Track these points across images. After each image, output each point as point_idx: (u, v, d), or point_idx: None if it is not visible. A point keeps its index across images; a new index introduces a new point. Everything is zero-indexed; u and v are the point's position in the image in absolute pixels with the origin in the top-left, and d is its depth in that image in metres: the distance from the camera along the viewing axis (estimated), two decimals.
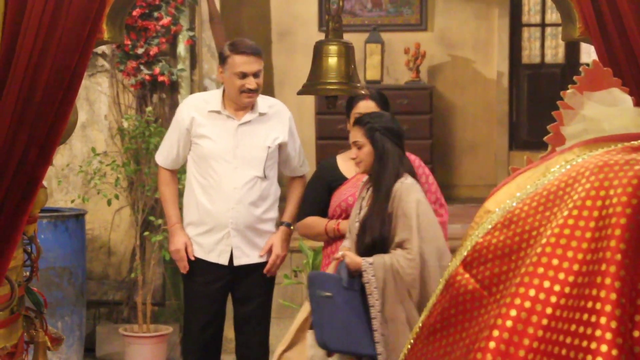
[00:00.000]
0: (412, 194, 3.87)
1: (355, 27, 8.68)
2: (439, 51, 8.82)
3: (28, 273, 2.82)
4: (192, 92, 6.81)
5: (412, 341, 1.58)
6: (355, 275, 3.86)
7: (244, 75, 4.40)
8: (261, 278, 4.58)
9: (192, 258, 4.56)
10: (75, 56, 2.54)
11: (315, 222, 4.40)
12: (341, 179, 4.36)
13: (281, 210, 4.72)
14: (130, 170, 6.43)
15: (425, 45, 8.55)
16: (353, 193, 4.25)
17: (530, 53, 9.41)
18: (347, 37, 8.96)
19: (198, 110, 4.57)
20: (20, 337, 2.69)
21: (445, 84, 8.85)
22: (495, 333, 1.36)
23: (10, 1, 2.54)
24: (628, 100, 1.65)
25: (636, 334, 1.30)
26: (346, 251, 3.95)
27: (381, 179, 3.93)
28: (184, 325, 4.92)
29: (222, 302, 4.66)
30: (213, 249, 4.53)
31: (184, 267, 4.59)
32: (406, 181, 3.92)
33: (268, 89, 8.79)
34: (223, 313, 4.70)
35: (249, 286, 4.59)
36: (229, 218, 4.49)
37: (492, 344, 1.35)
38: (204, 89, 6.85)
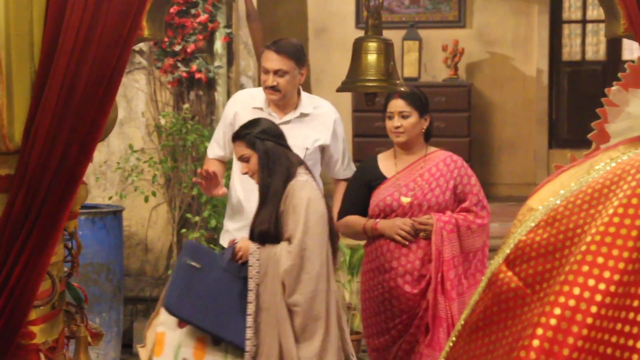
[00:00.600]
0: (303, 191, 3.83)
1: (393, 24, 8.65)
2: (478, 48, 8.76)
3: (68, 268, 2.83)
4: (228, 89, 6.83)
5: (454, 339, 1.56)
6: (238, 260, 3.83)
7: (266, 71, 4.38)
8: None
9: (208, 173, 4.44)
10: (116, 53, 2.54)
11: (354, 221, 4.37)
12: (380, 178, 4.33)
13: None
14: (167, 168, 6.46)
15: (463, 42, 8.50)
16: (392, 193, 4.23)
17: (571, 50, 9.32)
18: (385, 34, 8.94)
19: (243, 105, 4.56)
20: (61, 332, 2.71)
21: (484, 82, 8.79)
22: (539, 331, 1.34)
23: None
24: None
25: None
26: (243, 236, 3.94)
27: (271, 182, 3.88)
28: None
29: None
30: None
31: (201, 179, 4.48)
32: (300, 179, 3.87)
33: (305, 86, 8.78)
34: None
35: None
36: None
37: (536, 342, 1.34)
38: (241, 86, 6.86)
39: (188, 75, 6.68)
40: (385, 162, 4.38)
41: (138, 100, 6.87)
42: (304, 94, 4.56)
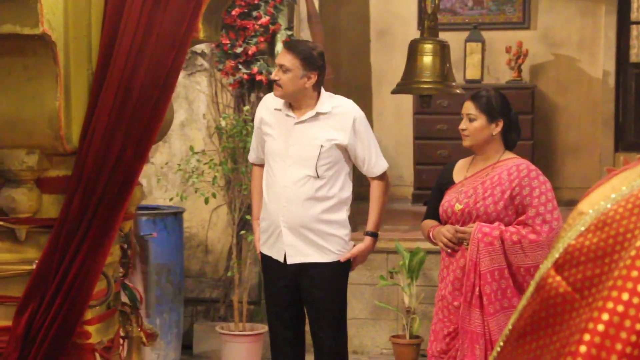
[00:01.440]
0: None
1: (456, 26, 8.59)
2: (542, 50, 8.65)
3: (124, 269, 2.85)
4: None
5: (501, 344, 1.53)
6: None
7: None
8: (326, 278, 4.56)
9: (258, 252, 4.69)
10: (172, 55, 2.56)
11: (425, 225, 4.33)
12: (449, 183, 4.26)
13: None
14: (228, 169, 6.49)
15: (527, 43, 8.39)
16: (451, 198, 4.14)
17: (639, 51, 9.16)
18: (447, 35, 8.92)
19: (266, 108, 4.67)
20: (116, 332, 2.74)
21: (548, 84, 8.68)
22: (587, 337, 1.31)
23: (110, 1, 2.58)
24: None
25: None
26: None
27: None
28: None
29: (291, 300, 4.64)
30: (273, 246, 4.59)
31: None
32: None
33: (366, 88, 8.78)
34: (297, 310, 4.68)
35: (313, 286, 4.57)
36: (280, 216, 4.53)
37: (582, 348, 1.30)
38: None
39: (249, 77, 6.71)
40: (460, 167, 4.29)
41: (199, 102, 6.92)
42: (325, 94, 4.58)
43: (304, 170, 4.48)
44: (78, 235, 2.51)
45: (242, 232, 6.41)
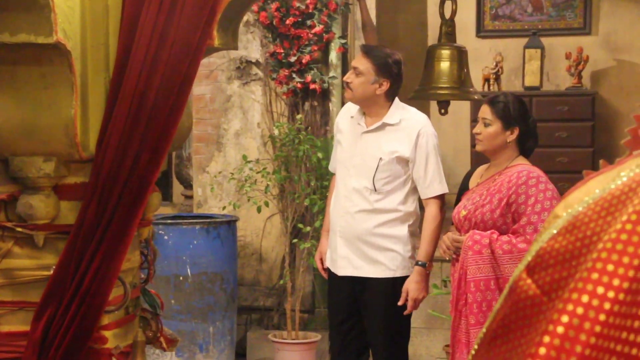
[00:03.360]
0: None
1: (515, 32, 8.50)
2: (603, 56, 8.50)
3: (145, 275, 2.87)
4: (342, 100, 6.83)
5: (476, 347, 1.52)
6: None
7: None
8: (381, 294, 4.45)
9: (323, 270, 4.65)
10: (186, 62, 2.58)
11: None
12: (464, 189, 4.21)
13: None
14: (280, 178, 6.50)
15: (588, 49, 8.26)
16: (460, 205, 4.09)
17: None
18: (506, 42, 8.78)
19: (344, 116, 4.64)
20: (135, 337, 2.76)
21: (610, 90, 8.52)
22: (546, 339, 1.29)
23: (126, 8, 2.61)
24: None
25: None
26: None
27: None
28: None
29: (349, 311, 4.58)
30: (330, 257, 4.55)
31: (322, 272, 4.70)
32: None
33: (422, 102, 8.71)
34: (357, 320, 4.60)
35: (369, 301, 4.50)
36: (337, 226, 4.49)
37: (542, 350, 1.29)
38: None
39: (302, 86, 6.73)
40: (478, 173, 4.22)
41: (254, 111, 6.96)
42: (398, 104, 4.48)
43: (362, 182, 4.41)
44: (94, 241, 2.53)
45: (295, 240, 6.42)
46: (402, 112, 4.46)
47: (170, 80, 2.56)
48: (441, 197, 4.45)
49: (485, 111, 4.03)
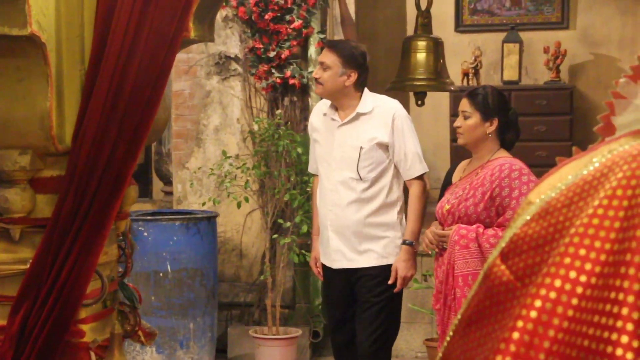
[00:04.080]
0: None
1: (493, 27, 8.53)
2: (581, 50, 8.54)
3: (123, 269, 2.86)
4: None
5: (451, 334, 1.53)
6: None
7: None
8: (377, 283, 4.47)
9: (317, 272, 4.69)
10: (162, 54, 2.56)
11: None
12: (448, 184, 4.24)
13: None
14: (260, 173, 6.49)
15: (566, 43, 8.29)
16: (443, 199, 4.11)
17: None
18: (484, 37, 8.79)
19: (317, 114, 4.68)
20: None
21: (588, 84, 8.56)
22: (520, 324, 1.30)
23: (100, 0, 2.60)
24: None
25: None
26: None
27: None
28: None
29: (346, 302, 4.60)
30: (324, 252, 4.56)
31: (319, 275, 4.73)
32: None
33: (401, 93, 8.73)
34: (352, 315, 4.61)
35: (362, 290, 4.52)
36: (327, 220, 4.51)
37: (515, 335, 1.29)
38: None
39: (282, 81, 6.72)
40: (461, 167, 4.25)
41: (233, 106, 6.95)
42: (368, 94, 4.52)
43: (347, 173, 4.45)
44: (71, 235, 2.52)
45: (275, 236, 6.41)
46: (373, 100, 4.51)
47: (147, 72, 2.55)
48: (423, 177, 4.51)
49: (465, 104, 4.07)
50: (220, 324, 6.67)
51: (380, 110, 4.48)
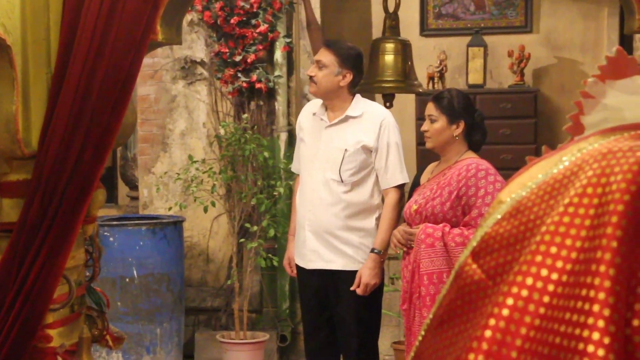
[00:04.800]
0: None
1: (458, 31, 8.55)
2: (545, 53, 8.59)
3: (90, 273, 2.84)
4: (288, 98, 6.84)
5: (423, 333, 1.53)
6: None
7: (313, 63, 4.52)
8: (350, 285, 4.44)
9: (290, 272, 4.69)
10: (129, 57, 2.56)
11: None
12: (416, 185, 4.27)
13: None
14: (227, 177, 6.48)
15: (530, 47, 8.34)
16: (411, 200, 4.13)
17: (637, 60, 9.05)
18: (449, 40, 8.81)
19: (305, 114, 4.69)
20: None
21: (551, 87, 8.61)
22: (492, 322, 1.31)
23: (67, 3, 2.58)
24: None
25: (636, 322, 1.22)
26: None
27: None
28: None
29: (321, 306, 4.60)
30: (300, 252, 4.55)
31: (292, 274, 4.74)
32: None
33: (369, 96, 8.75)
34: (328, 317, 4.61)
35: (339, 292, 4.51)
36: (306, 220, 4.50)
37: (488, 333, 1.30)
38: (303, 96, 6.87)
39: (248, 86, 6.71)
40: (429, 169, 4.28)
41: (199, 111, 6.93)
42: (359, 99, 4.54)
43: (329, 174, 4.44)
44: (38, 239, 2.50)
45: (242, 240, 6.40)
46: (364, 105, 4.53)
47: (114, 75, 2.54)
48: (401, 187, 4.49)
49: (431, 108, 4.10)
50: (187, 329, 6.64)
51: (369, 116, 4.48)
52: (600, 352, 1.20)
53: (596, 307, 1.21)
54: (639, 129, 1.40)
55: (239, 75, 6.71)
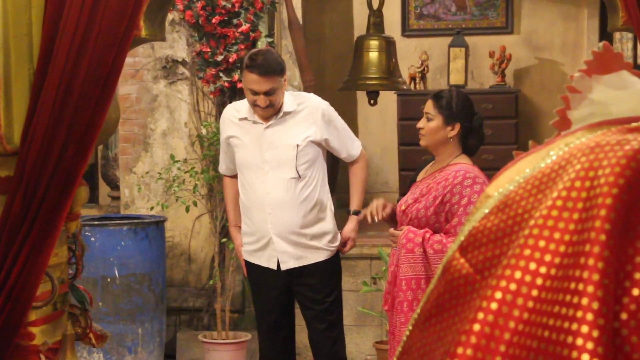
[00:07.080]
0: None
1: (439, 31, 8.59)
2: (525, 54, 8.63)
3: (73, 271, 2.83)
4: None
5: (410, 328, 1.53)
6: None
7: (254, 93, 4.37)
8: (321, 277, 4.54)
9: (241, 261, 4.70)
10: (113, 53, 2.55)
11: None
12: (411, 183, 4.22)
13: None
14: (209, 177, 6.46)
15: (510, 48, 8.38)
16: (403, 199, 4.12)
17: (623, 55, 9.10)
18: (430, 41, 8.84)
19: (231, 119, 4.62)
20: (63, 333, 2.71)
21: (532, 88, 8.65)
22: (480, 316, 1.30)
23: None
24: (637, 83, 1.58)
25: (624, 316, 1.22)
26: None
27: None
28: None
29: (284, 305, 4.62)
30: (263, 254, 4.54)
31: (244, 270, 4.73)
32: None
33: (350, 95, 8.73)
34: (289, 317, 4.66)
35: (310, 288, 4.55)
36: (268, 224, 4.47)
37: (476, 327, 1.30)
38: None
39: (230, 85, 6.69)
40: (426, 168, 4.21)
41: (181, 110, 6.90)
42: (287, 94, 4.54)
43: (285, 174, 4.44)
44: (20, 236, 2.49)
45: (224, 240, 6.39)
46: (294, 98, 4.55)
47: (97, 72, 2.53)
48: (362, 151, 4.73)
49: (429, 105, 4.01)
50: (169, 329, 6.62)
51: (305, 108, 4.51)
52: (589, 345, 1.20)
53: (585, 301, 1.21)
54: (625, 123, 1.40)
55: (221, 74, 6.69)
